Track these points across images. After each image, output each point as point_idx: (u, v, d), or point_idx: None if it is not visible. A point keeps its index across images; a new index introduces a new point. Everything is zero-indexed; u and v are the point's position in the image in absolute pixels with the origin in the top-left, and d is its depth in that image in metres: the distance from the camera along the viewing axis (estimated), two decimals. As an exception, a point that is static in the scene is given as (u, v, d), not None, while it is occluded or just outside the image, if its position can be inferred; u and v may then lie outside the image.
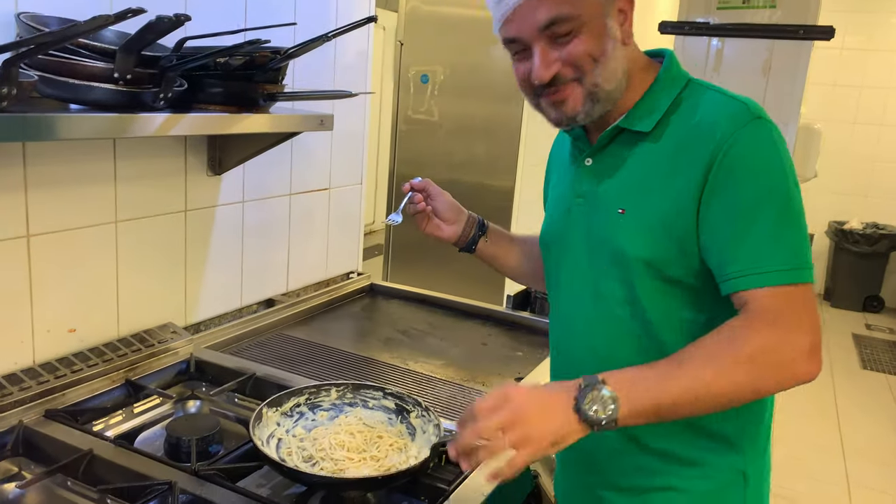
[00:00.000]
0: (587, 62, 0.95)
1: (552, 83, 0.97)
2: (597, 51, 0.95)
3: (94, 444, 1.09)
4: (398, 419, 1.18)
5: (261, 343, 1.62)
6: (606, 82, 0.97)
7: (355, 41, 1.95)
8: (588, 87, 0.97)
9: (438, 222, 1.30)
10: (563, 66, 0.96)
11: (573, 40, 0.94)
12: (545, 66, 0.95)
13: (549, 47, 0.95)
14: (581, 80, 0.96)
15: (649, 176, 0.98)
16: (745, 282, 0.89)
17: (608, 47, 0.96)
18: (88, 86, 1.01)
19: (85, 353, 1.31)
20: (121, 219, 1.36)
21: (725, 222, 0.91)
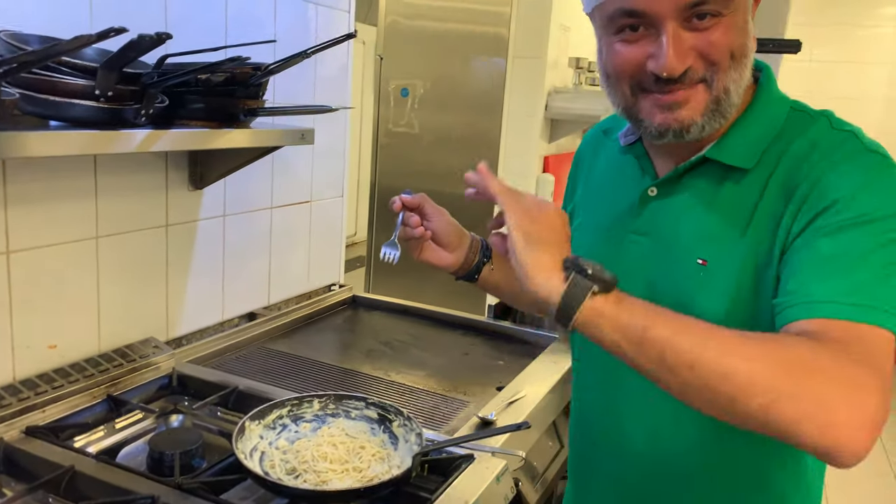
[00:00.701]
0: (725, 58, 0.77)
1: (677, 80, 0.78)
2: (739, 47, 0.77)
3: (76, 460, 1.09)
4: (381, 429, 1.19)
5: (243, 357, 1.62)
6: (735, 91, 0.79)
7: (335, 56, 1.97)
8: (717, 93, 0.78)
9: (437, 248, 1.08)
10: (696, 59, 0.77)
11: (716, 28, 0.76)
12: (680, 56, 0.76)
13: (683, 31, 0.76)
14: (710, 82, 0.78)
15: (741, 221, 0.80)
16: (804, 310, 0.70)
17: (749, 46, 0.78)
18: (70, 103, 1.02)
19: (66, 368, 1.31)
20: (102, 234, 1.36)
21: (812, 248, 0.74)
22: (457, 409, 1.43)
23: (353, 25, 2.01)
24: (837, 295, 0.69)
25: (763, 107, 0.84)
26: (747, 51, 0.79)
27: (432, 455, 1.17)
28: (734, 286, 0.80)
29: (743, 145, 0.83)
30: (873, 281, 0.70)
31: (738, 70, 0.79)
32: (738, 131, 0.84)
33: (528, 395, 1.46)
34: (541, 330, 1.87)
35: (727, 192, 0.83)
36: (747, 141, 0.83)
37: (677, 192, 0.88)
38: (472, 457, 1.19)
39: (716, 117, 0.80)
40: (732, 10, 0.76)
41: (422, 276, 3.27)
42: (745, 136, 0.83)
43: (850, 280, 0.70)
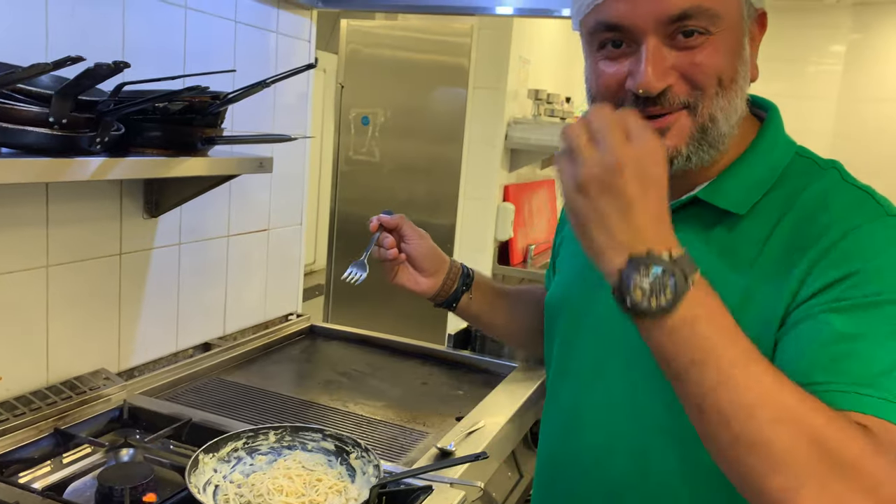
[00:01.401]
0: (711, 83, 0.71)
1: (656, 102, 0.72)
2: (728, 72, 0.71)
3: (21, 496, 1.05)
4: (338, 461, 1.18)
5: (197, 388, 1.59)
6: (725, 120, 0.73)
7: (295, 84, 1.97)
8: (702, 120, 0.72)
9: (413, 273, 1.05)
10: (679, 80, 0.71)
11: (702, 48, 0.70)
12: (659, 74, 0.70)
13: (665, 48, 0.71)
14: (694, 109, 0.72)
15: (731, 272, 0.73)
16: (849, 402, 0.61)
17: (740, 72, 0.72)
18: (22, 130, 1.00)
19: (11, 402, 1.26)
20: (52, 263, 1.33)
21: (825, 326, 0.66)
22: (416, 439, 1.42)
23: (313, 54, 2.02)
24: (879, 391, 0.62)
25: (765, 149, 0.78)
26: (738, 77, 0.73)
27: (390, 487, 1.16)
28: None
29: (738, 189, 0.76)
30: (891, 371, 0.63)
31: (727, 97, 0.72)
32: (734, 173, 0.77)
33: (487, 425, 1.46)
34: (500, 359, 1.87)
35: (719, 237, 0.77)
36: (743, 184, 0.76)
37: None
38: (431, 488, 1.18)
39: (703, 148, 0.74)
40: (723, 29, 0.71)
41: (381, 304, 3.27)
42: (741, 178, 0.77)
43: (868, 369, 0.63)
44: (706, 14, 0.69)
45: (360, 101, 3.22)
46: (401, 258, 1.04)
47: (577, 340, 0.90)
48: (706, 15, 0.69)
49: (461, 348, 1.97)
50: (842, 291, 0.67)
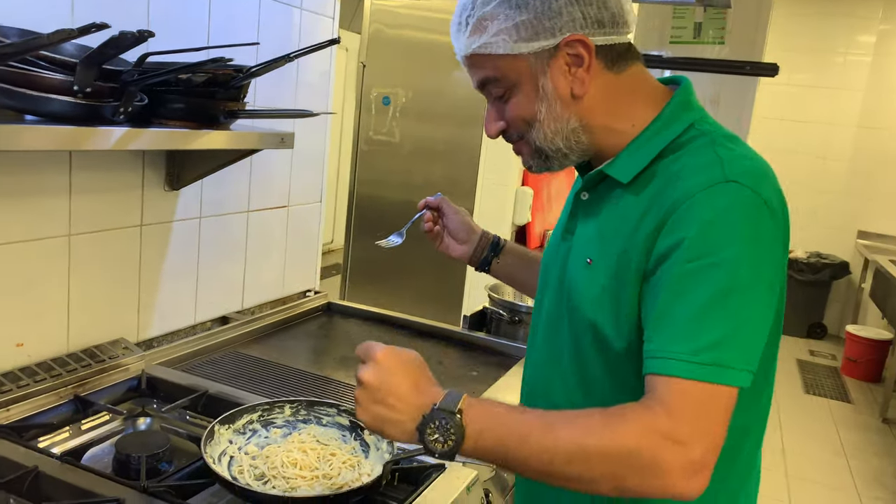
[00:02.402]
0: (521, 125, 0.93)
1: (506, 138, 0.98)
2: (528, 114, 0.92)
3: (40, 460, 1.07)
4: (352, 436, 1.19)
5: (214, 361, 1.60)
6: (548, 142, 0.93)
7: (318, 61, 1.97)
8: (532, 144, 0.94)
9: (449, 241, 1.30)
10: (507, 125, 0.95)
11: (508, 102, 0.93)
12: (491, 122, 0.97)
13: (494, 104, 0.95)
14: (525, 139, 0.95)
15: (617, 229, 0.90)
16: (654, 365, 0.79)
17: (541, 110, 0.91)
18: (47, 98, 1.01)
19: (32, 368, 1.28)
20: (74, 232, 1.35)
21: (660, 293, 0.81)
22: (429, 418, 1.42)
23: (336, 32, 2.01)
24: (685, 353, 0.77)
25: (659, 125, 0.92)
26: (540, 115, 0.91)
27: (403, 464, 1.16)
28: (600, 287, 0.91)
29: (627, 161, 0.92)
30: (718, 338, 0.77)
31: (539, 130, 0.92)
32: (629, 148, 0.93)
33: (500, 405, 1.46)
34: (515, 342, 1.87)
35: (617, 200, 0.93)
36: (632, 158, 0.92)
37: (593, 198, 0.99)
38: (443, 466, 1.18)
39: (547, 159, 0.95)
40: (514, 85, 0.91)
41: (397, 285, 3.27)
42: (631, 152, 0.92)
43: (697, 336, 0.78)
44: (494, 82, 0.92)
45: (381, 81, 3.20)
46: (436, 230, 1.29)
47: (539, 303, 1.09)
48: (494, 83, 0.92)
49: (476, 330, 1.97)
50: (673, 258, 0.81)
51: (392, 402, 0.84)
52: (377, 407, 0.84)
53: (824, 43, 5.71)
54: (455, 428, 0.79)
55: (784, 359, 5.27)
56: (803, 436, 3.98)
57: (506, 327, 1.93)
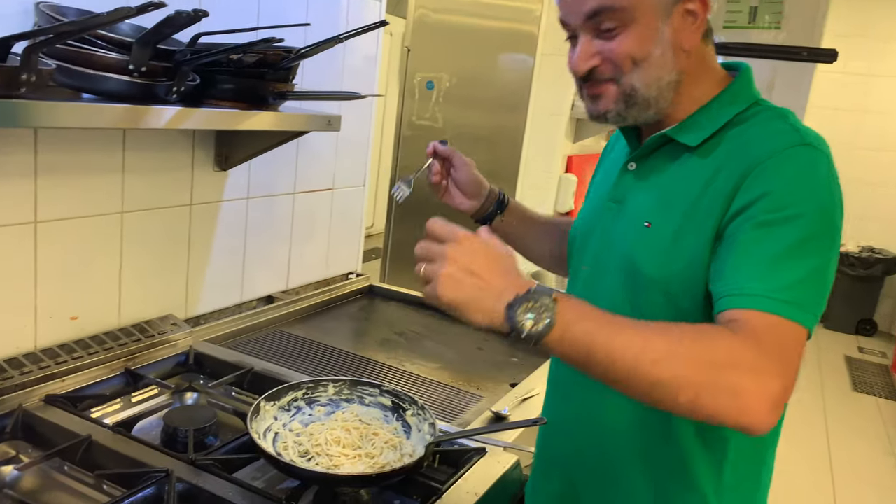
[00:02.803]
0: (626, 63, 0.90)
1: (589, 77, 0.93)
2: (640, 53, 0.90)
3: (93, 430, 1.10)
4: (394, 417, 1.19)
5: (259, 339, 1.63)
6: (646, 88, 0.91)
7: (364, 45, 1.97)
8: (625, 89, 0.92)
9: (456, 194, 1.25)
10: (602, 63, 0.91)
11: (617, 37, 0.89)
12: (583, 59, 0.92)
13: (593, 38, 0.91)
14: (618, 81, 0.92)
15: (683, 193, 0.92)
16: (734, 301, 0.80)
17: (654, 52, 0.90)
18: (103, 76, 1.03)
19: (86, 340, 1.32)
20: (127, 209, 1.38)
21: (738, 242, 0.83)
22: (470, 402, 1.43)
23: (383, 15, 2.01)
24: (762, 288, 0.79)
25: (726, 100, 0.94)
26: (651, 56, 0.90)
27: (444, 446, 1.17)
28: (664, 248, 0.91)
29: (694, 127, 0.94)
30: (794, 281, 0.79)
31: (644, 72, 0.90)
32: (695, 116, 0.95)
33: (541, 392, 1.45)
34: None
35: (681, 166, 0.95)
36: (699, 124, 0.94)
37: (648, 164, 1.00)
38: (484, 450, 1.19)
39: (632, 107, 0.93)
40: (632, 21, 0.88)
41: (438, 270, 3.27)
42: (699, 119, 0.94)
43: (774, 275, 0.79)
44: (613, 12, 0.88)
45: (425, 66, 3.19)
46: (444, 185, 1.25)
47: (578, 270, 1.08)
48: (613, 13, 0.88)
49: (518, 316, 1.96)
50: (756, 209, 0.83)
51: (482, 279, 0.77)
52: (464, 284, 0.77)
53: (882, 29, 5.50)
54: (548, 311, 0.75)
55: (831, 355, 5.13)
56: (850, 435, 3.88)
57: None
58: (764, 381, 0.73)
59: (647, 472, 0.99)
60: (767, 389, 0.73)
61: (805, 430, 3.83)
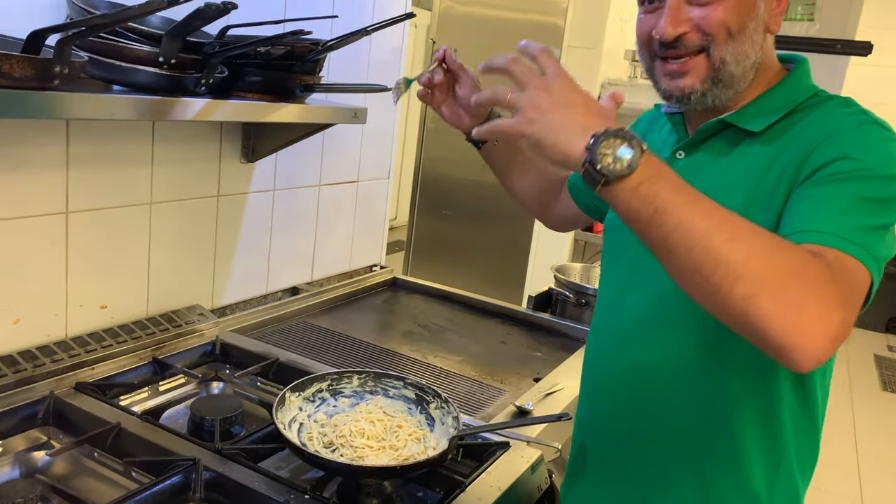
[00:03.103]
0: (721, 33, 0.85)
1: (675, 45, 0.87)
2: (736, 24, 0.85)
3: (122, 417, 1.12)
4: (417, 409, 1.20)
5: (284, 330, 1.64)
6: (735, 63, 0.87)
7: (389, 38, 1.97)
8: (714, 63, 0.87)
9: (456, 110, 1.16)
10: (693, 30, 0.86)
11: (714, 4, 0.85)
12: (673, 23, 0.86)
13: (684, 4, 0.86)
14: (708, 52, 0.87)
15: (746, 182, 0.88)
16: (808, 237, 0.75)
17: (749, 26, 0.86)
18: (134, 68, 1.04)
19: (115, 329, 1.34)
20: (155, 201, 1.39)
21: (807, 197, 0.80)
22: (493, 396, 1.43)
23: (410, 7, 2.00)
24: (836, 228, 0.75)
25: (787, 88, 0.92)
26: (748, 29, 0.86)
27: (468, 439, 1.17)
28: None
29: (758, 113, 0.91)
30: (867, 227, 0.76)
31: (737, 45, 0.86)
32: (757, 102, 0.92)
33: (565, 387, 1.45)
34: (580, 324, 1.85)
35: (741, 152, 0.91)
36: (762, 110, 0.91)
37: (700, 153, 0.96)
38: (508, 444, 1.18)
39: (716, 86, 0.88)
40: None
41: (459, 263, 3.28)
42: (761, 106, 0.91)
43: (848, 219, 0.76)
44: None
45: (450, 59, 3.18)
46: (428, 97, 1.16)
47: (619, 254, 1.04)
48: None
49: (541, 311, 1.95)
50: (829, 169, 0.80)
51: (572, 110, 0.73)
52: (548, 112, 0.73)
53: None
54: (633, 154, 0.69)
55: (861, 354, 5.05)
56: (879, 434, 3.82)
57: (571, 309, 1.91)
58: (830, 307, 0.67)
59: (697, 475, 0.96)
60: (831, 318, 0.67)
61: (833, 430, 3.77)
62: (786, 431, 0.93)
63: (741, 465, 0.93)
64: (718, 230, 0.68)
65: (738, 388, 0.92)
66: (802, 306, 0.67)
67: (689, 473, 0.96)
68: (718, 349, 0.91)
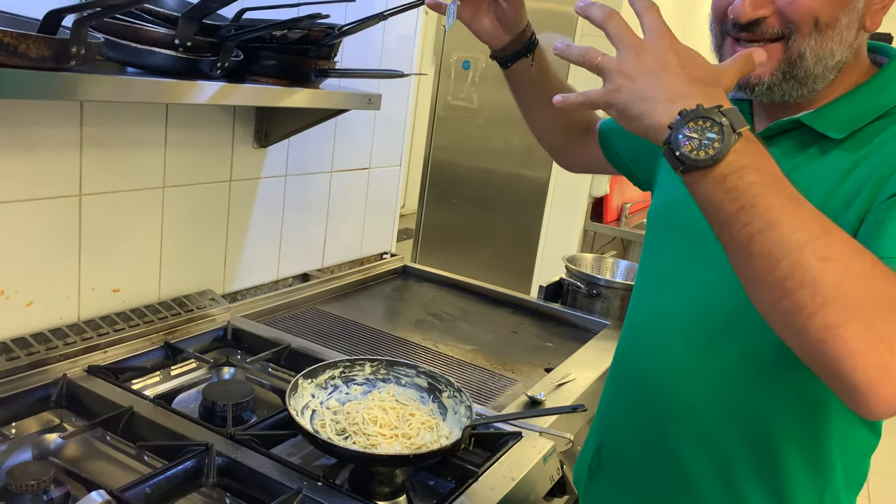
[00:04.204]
0: (807, 21, 0.75)
1: (751, 29, 0.78)
2: (826, 15, 0.75)
3: (135, 401, 1.11)
4: (430, 398, 1.19)
5: (295, 316, 1.64)
6: (815, 60, 0.77)
7: (402, 24, 1.95)
8: (791, 55, 0.77)
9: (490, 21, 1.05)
10: (774, 15, 0.77)
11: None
12: (754, 5, 0.76)
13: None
14: (787, 42, 0.77)
15: (818, 189, 0.78)
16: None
17: (842, 19, 0.76)
18: (150, 50, 1.03)
19: (127, 313, 1.34)
20: (168, 184, 1.39)
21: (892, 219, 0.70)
22: (505, 385, 1.42)
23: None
24: None
25: (876, 87, 0.81)
26: (838, 23, 0.76)
27: (480, 429, 1.17)
28: None
29: (840, 116, 0.80)
30: None
31: (822, 40, 0.76)
32: (840, 104, 0.81)
33: (577, 378, 1.44)
34: (592, 315, 1.84)
35: (815, 157, 0.82)
36: (846, 114, 0.80)
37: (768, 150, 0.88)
38: (520, 435, 1.18)
39: (787, 81, 0.79)
40: None
41: (468, 252, 3.27)
42: (845, 108, 0.81)
43: None
44: None
45: (462, 46, 3.16)
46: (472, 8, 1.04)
47: (664, 252, 0.97)
48: None
49: (551, 301, 1.95)
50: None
51: (661, 73, 0.64)
52: (636, 77, 0.65)
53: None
54: (721, 144, 0.61)
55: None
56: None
57: (582, 300, 1.90)
58: None
59: (731, 493, 0.90)
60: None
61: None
62: (833, 455, 0.87)
63: (782, 490, 0.88)
64: (813, 244, 0.59)
65: (783, 414, 0.86)
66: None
67: (722, 489, 0.91)
68: (769, 378, 0.84)
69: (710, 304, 0.88)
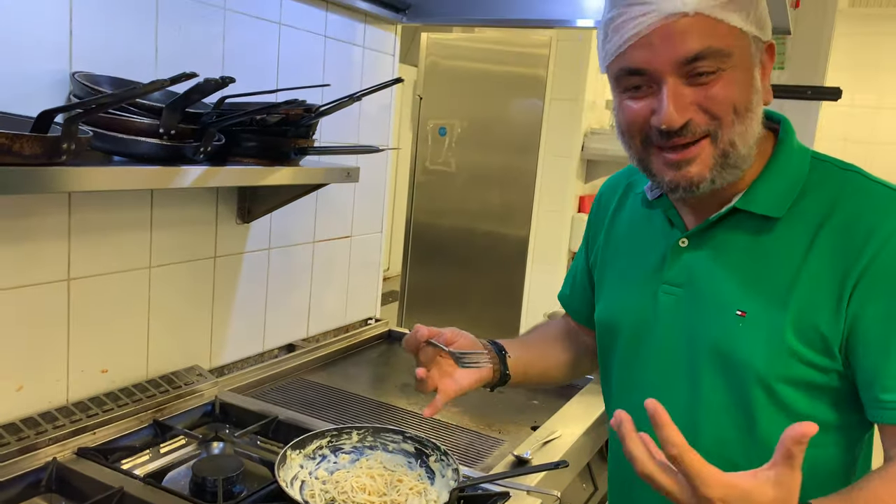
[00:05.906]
0: (727, 112, 0.79)
1: (680, 133, 0.80)
2: (742, 101, 0.79)
3: (125, 482, 1.12)
4: (417, 463, 1.21)
5: (282, 387, 1.65)
6: (742, 144, 0.81)
7: (379, 96, 2.02)
8: (722, 147, 0.80)
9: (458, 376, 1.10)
10: (698, 113, 0.79)
11: (715, 82, 0.78)
12: (679, 109, 0.78)
13: (685, 85, 0.79)
14: (715, 137, 0.80)
15: (779, 273, 0.82)
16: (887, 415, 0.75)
17: (753, 101, 0.80)
18: (136, 140, 1.08)
19: (115, 392, 1.35)
20: (154, 264, 1.42)
21: (883, 336, 0.77)
22: (492, 446, 1.44)
23: (397, 68, 2.07)
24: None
25: (785, 158, 0.87)
26: (752, 105, 0.81)
27: (468, 491, 1.18)
28: (777, 339, 0.81)
29: (771, 195, 0.85)
30: None
31: (744, 124, 0.80)
32: (764, 182, 0.86)
33: (563, 435, 1.46)
34: (575, 370, 1.87)
35: (764, 243, 0.85)
36: (775, 191, 0.85)
37: (710, 242, 0.89)
38: (508, 494, 1.19)
39: (726, 170, 0.82)
40: (732, 66, 0.78)
41: (453, 311, 3.30)
42: (771, 185, 0.85)
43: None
44: (717, 54, 0.77)
45: (437, 113, 3.27)
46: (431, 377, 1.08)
47: (638, 359, 0.97)
48: (717, 54, 0.77)
49: (536, 358, 1.97)
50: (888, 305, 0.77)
51: None
52: None
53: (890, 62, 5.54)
54: None
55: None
56: None
57: (565, 355, 1.93)
58: None
59: None
60: None
61: None
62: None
63: None
64: None
65: None
66: None
67: None
68: None
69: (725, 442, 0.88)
